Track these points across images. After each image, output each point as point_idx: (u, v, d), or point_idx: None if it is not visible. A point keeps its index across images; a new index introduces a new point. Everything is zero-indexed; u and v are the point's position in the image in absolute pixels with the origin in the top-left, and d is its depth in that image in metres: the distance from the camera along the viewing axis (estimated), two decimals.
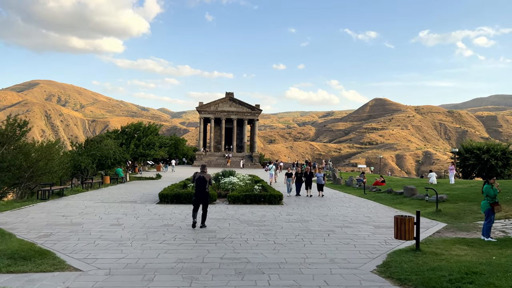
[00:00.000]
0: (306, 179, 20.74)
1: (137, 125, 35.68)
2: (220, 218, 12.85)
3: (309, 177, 20.86)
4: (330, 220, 12.83)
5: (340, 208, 16.13)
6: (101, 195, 19.75)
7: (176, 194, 16.90)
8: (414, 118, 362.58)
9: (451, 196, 17.03)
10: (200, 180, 11.17)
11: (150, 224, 11.60)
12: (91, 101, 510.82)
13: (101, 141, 31.99)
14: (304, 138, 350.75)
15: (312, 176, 21.10)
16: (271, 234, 10.36)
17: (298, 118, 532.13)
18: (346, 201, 18.76)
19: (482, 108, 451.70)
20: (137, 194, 20.84)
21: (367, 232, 10.80)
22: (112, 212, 13.98)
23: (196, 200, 11.22)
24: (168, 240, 9.41)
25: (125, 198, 18.61)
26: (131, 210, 14.44)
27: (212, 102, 69.84)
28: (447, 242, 9.32)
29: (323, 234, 10.42)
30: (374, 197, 20.06)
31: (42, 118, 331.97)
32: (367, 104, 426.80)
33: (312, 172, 21.42)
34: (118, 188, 24.43)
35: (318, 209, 15.57)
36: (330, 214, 14.32)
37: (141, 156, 35.20)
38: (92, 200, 17.51)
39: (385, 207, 16.61)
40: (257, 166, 64.23)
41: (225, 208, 15.53)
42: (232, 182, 20.61)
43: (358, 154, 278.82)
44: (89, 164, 28.93)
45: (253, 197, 16.98)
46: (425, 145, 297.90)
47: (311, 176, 21.04)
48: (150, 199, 18.46)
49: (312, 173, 21.33)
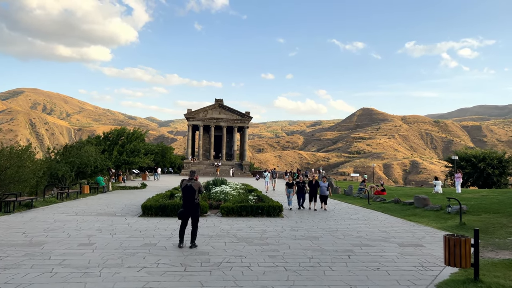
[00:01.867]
0: (310, 189, 17.97)
1: (120, 131, 33.39)
2: (214, 235, 10.80)
3: (314, 187, 17.96)
4: (343, 237, 10.89)
5: (349, 221, 14.23)
6: (77, 207, 17.47)
7: (161, 206, 14.78)
8: (401, 128, 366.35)
9: (470, 207, 15.30)
10: (188, 189, 9.18)
11: (129, 243, 9.49)
12: (78, 110, 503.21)
13: (81, 147, 29.60)
14: (292, 147, 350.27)
15: (318, 186, 18.09)
16: (279, 256, 8.37)
17: (287, 127, 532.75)
18: (351, 212, 16.87)
19: (467, 118, 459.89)
20: (118, 205, 18.61)
21: (393, 253, 8.89)
22: (84, 227, 11.79)
23: (184, 213, 9.21)
24: (149, 267, 7.34)
25: (104, 210, 16.38)
26: (108, 225, 12.27)
27: (201, 109, 67.79)
28: (500, 266, 7.47)
29: (342, 256, 8.48)
30: (381, 208, 18.23)
31: (26, 126, 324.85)
32: (355, 114, 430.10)
33: (317, 181, 18.17)
34: (97, 199, 22.11)
35: (324, 222, 13.63)
36: (341, 228, 12.39)
37: (125, 164, 32.86)
38: (64, 213, 15.24)
39: (397, 219, 14.77)
40: (248, 175, 62.15)
41: (218, 221, 13.48)
42: (225, 192, 18.58)
43: (346, 163, 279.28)
44: (67, 172, 26.49)
45: (249, 209, 14.95)
46: (412, 154, 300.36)
47: (316, 186, 18.03)
48: (132, 211, 16.28)
49: (317, 182, 18.12)
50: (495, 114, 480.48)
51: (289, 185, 18.23)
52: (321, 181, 18.43)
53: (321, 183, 18.19)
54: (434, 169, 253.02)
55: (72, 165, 27.17)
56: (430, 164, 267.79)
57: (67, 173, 26.36)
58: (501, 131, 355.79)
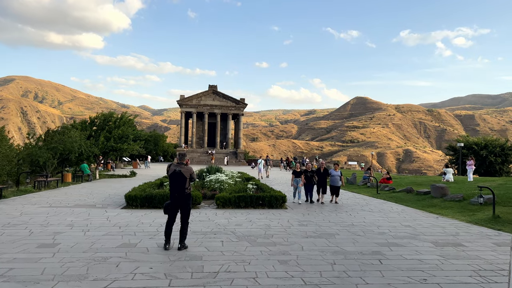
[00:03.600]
0: (318, 178, 15.17)
1: (107, 115, 31.15)
2: (208, 232, 8.97)
3: (323, 177, 15.23)
4: (363, 233, 9.12)
5: (362, 213, 12.48)
6: (54, 197, 15.52)
7: (148, 196, 12.89)
8: (395, 117, 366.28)
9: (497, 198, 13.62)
10: (176, 176, 7.29)
11: (102, 243, 7.61)
12: (70, 98, 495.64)
13: (64, 132, 27.44)
14: (286, 136, 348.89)
15: (327, 175, 15.38)
16: (292, 262, 6.55)
17: (281, 116, 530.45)
18: (362, 203, 15.11)
19: (460, 107, 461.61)
20: (101, 195, 16.68)
21: (432, 255, 7.13)
22: (53, 222, 9.87)
23: (171, 205, 7.34)
24: (121, 279, 5.48)
25: (83, 201, 14.46)
26: (83, 219, 10.36)
27: (194, 95, 65.50)
28: None
29: (372, 261, 6.69)
30: (392, 198, 16.53)
31: (18, 114, 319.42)
32: (349, 103, 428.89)
33: (326, 169, 15.29)
34: (80, 188, 20.15)
35: (335, 215, 11.86)
36: (357, 222, 10.62)
37: (112, 151, 30.75)
38: (36, 204, 13.30)
39: (417, 211, 13.06)
40: (243, 163, 60.35)
41: (213, 214, 11.65)
42: (220, 180, 16.71)
43: (340, 152, 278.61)
44: (49, 159, 24.41)
45: (248, 199, 13.13)
46: (405, 143, 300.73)
47: (325, 175, 15.28)
48: (116, 201, 14.38)
49: (327, 171, 15.27)
50: (488, 103, 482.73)
51: (296, 174, 15.18)
52: (332, 169, 15.59)
53: (332, 172, 15.39)
54: (427, 158, 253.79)
55: (55, 152, 25.05)
56: (424, 153, 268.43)
57: (49, 160, 24.28)
58: (493, 120, 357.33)
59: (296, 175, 15.19)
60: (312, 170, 15.17)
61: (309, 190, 14.95)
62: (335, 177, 15.18)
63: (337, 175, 15.19)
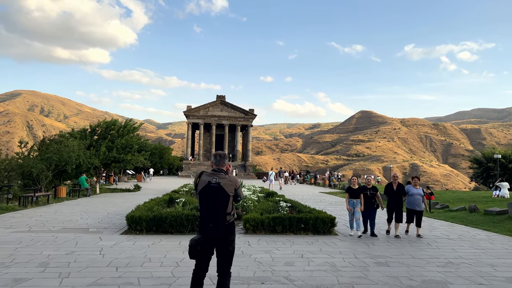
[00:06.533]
0: (390, 199, 10.42)
1: (110, 123, 28.29)
2: (251, 278, 5.88)
3: (398, 197, 10.37)
4: (485, 281, 6.01)
5: (442, 242, 9.33)
6: (39, 217, 12.51)
7: (156, 218, 9.85)
8: (400, 131, 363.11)
9: None
10: (212, 192, 4.20)
11: None
12: (75, 112, 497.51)
13: (61, 141, 24.56)
14: (291, 150, 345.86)
15: (403, 194, 10.45)
16: None
17: (285, 130, 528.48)
18: (424, 226, 11.87)
19: (466, 121, 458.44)
20: (98, 214, 13.65)
21: None
22: (20, 259, 6.84)
23: (203, 244, 4.15)
24: None
25: (74, 223, 11.44)
26: (65, 253, 7.32)
27: (201, 106, 62.80)
28: None
29: None
30: (456, 219, 13.35)
31: (24, 128, 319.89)
32: (354, 116, 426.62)
33: (402, 186, 10.53)
34: (74, 205, 17.14)
35: (410, 246, 8.73)
36: (452, 258, 7.46)
37: (115, 162, 27.78)
38: (12, 227, 10.29)
39: (510, 238, 9.91)
40: (252, 176, 57.21)
41: (245, 244, 8.56)
42: (243, 196, 13.64)
43: (345, 165, 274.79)
44: (43, 170, 21.48)
45: (286, 222, 10.03)
46: (411, 157, 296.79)
47: (400, 194, 10.40)
48: (115, 223, 11.35)
49: (402, 188, 10.47)
50: (493, 117, 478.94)
51: (353, 192, 10.29)
52: (410, 185, 10.52)
53: (410, 189, 10.36)
54: (434, 172, 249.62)
55: (49, 162, 22.10)
56: (430, 167, 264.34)
57: (42, 172, 21.36)
58: (500, 134, 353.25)
59: (353, 194, 10.29)
60: (373, 187, 10.55)
61: (369, 216, 10.28)
62: (416, 197, 10.19)
63: (419, 195, 10.23)
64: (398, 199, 10.33)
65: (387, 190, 10.62)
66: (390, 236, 10.17)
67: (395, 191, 10.41)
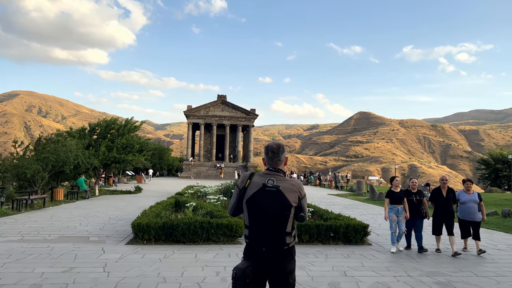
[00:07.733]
0: (437, 206, 8.51)
1: (110, 122, 27.06)
2: None
3: (446, 204, 8.42)
4: None
5: (503, 255, 8.21)
6: (33, 223, 11.31)
7: (166, 225, 8.66)
8: (399, 132, 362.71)
9: None
10: (268, 198, 2.98)
11: None
12: (73, 113, 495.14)
13: (59, 140, 23.31)
14: (289, 151, 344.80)
15: (454, 201, 8.56)
16: None
17: (283, 131, 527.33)
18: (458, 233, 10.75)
19: (464, 123, 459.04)
20: (99, 219, 12.45)
21: None
22: (8, 278, 5.64)
23: (254, 275, 2.94)
24: None
25: (72, 229, 10.24)
26: (62, 270, 6.13)
27: (202, 106, 61.62)
28: None
29: None
30: (494, 226, 12.25)
31: (21, 129, 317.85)
32: (352, 117, 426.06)
33: (452, 191, 8.57)
34: (73, 208, 15.93)
35: (473, 262, 7.60)
36: None
37: (115, 162, 26.54)
38: (2, 235, 9.08)
39: None
40: None
41: None
42: None
43: (344, 167, 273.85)
44: (39, 171, 20.23)
45: (314, 231, 8.83)
46: (410, 158, 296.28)
47: (450, 201, 8.47)
48: (118, 230, 10.16)
49: (453, 193, 8.58)
50: (491, 119, 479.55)
51: (395, 198, 8.37)
52: (462, 191, 8.55)
53: (462, 195, 8.43)
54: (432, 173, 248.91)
55: (45, 163, 20.85)
56: (429, 168, 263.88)
57: (38, 173, 20.11)
58: (498, 135, 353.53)
59: (395, 200, 8.31)
60: (419, 192, 8.73)
61: (414, 228, 8.54)
62: (469, 204, 8.24)
63: (474, 201, 8.26)
64: (449, 207, 8.43)
65: (435, 196, 8.60)
66: (440, 252, 8.26)
67: (445, 197, 8.42)
